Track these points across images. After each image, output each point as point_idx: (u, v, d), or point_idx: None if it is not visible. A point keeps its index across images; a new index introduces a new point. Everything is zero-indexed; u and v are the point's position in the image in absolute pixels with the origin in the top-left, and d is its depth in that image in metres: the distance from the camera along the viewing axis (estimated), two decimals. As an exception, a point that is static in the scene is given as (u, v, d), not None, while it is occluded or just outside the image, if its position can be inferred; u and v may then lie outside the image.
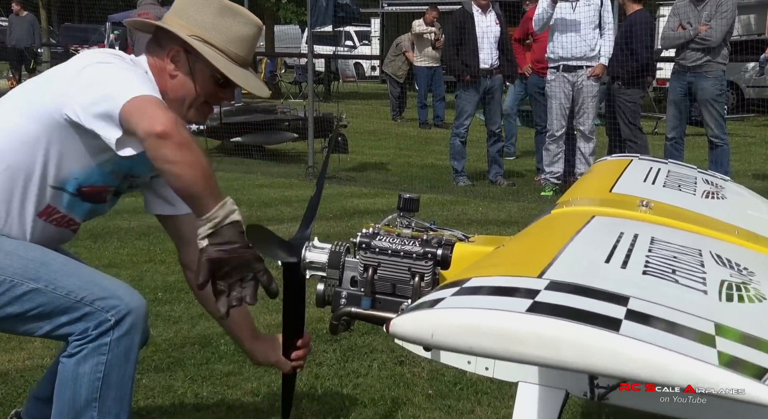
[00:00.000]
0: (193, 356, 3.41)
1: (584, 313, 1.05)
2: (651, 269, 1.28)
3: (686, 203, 1.99)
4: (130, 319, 1.98)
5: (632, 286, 1.18)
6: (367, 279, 1.82)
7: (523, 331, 1.04)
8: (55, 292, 1.97)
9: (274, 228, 6.24)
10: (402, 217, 1.89)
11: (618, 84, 7.30)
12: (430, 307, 1.13)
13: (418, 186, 7.83)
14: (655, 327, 1.04)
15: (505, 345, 1.05)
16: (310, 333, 2.17)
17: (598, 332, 1.01)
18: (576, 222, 1.55)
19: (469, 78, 7.66)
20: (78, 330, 1.97)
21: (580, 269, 1.28)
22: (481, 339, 1.06)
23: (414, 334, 1.11)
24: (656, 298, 1.12)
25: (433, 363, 3.22)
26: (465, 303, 1.13)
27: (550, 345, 1.03)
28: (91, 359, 1.96)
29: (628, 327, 1.02)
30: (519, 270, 1.26)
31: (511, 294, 1.12)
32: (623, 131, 7.39)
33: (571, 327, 1.02)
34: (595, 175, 2.61)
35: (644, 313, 1.07)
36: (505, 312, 1.06)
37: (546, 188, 7.44)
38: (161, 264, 4.81)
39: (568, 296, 1.11)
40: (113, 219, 5.99)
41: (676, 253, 1.41)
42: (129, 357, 2.00)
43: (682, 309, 1.10)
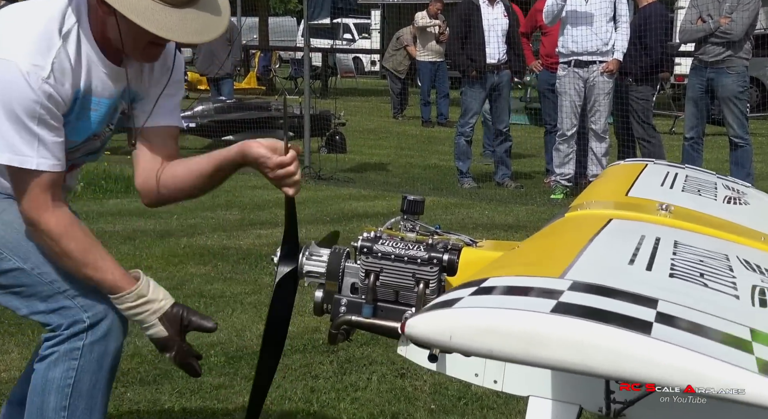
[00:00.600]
0: (181, 368, 3.39)
1: (612, 315, 1.04)
2: (678, 272, 1.27)
3: (707, 208, 1.98)
4: (106, 324, 2.00)
5: (660, 289, 1.17)
6: (368, 286, 1.81)
7: (548, 333, 1.03)
8: (40, 277, 1.99)
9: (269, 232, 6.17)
10: (406, 220, 1.88)
11: (629, 80, 7.29)
12: (448, 307, 1.12)
13: (420, 188, 7.83)
14: (688, 331, 1.03)
15: (529, 348, 1.04)
16: (298, 147, 2.11)
17: (628, 334, 1.00)
18: (593, 224, 1.54)
19: (475, 74, 7.66)
20: (52, 322, 1.99)
21: (603, 270, 1.27)
22: (502, 341, 1.04)
23: (431, 335, 1.10)
24: (686, 301, 1.12)
25: (436, 375, 3.22)
26: (485, 303, 1.12)
27: (577, 349, 1.01)
28: (61, 364, 1.97)
29: (660, 331, 1.01)
30: (539, 270, 1.26)
31: (533, 295, 1.12)
32: (636, 130, 7.39)
33: (599, 329, 1.01)
34: (608, 178, 2.60)
35: (675, 316, 1.06)
36: (529, 313, 1.05)
37: (556, 190, 7.44)
38: (147, 270, 4.74)
39: (593, 297, 1.10)
40: (96, 222, 5.99)
41: (702, 257, 1.40)
42: (102, 364, 2.00)
43: (714, 313, 1.09)
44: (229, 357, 3.50)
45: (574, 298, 1.09)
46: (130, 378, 3.27)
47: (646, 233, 1.50)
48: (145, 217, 6.17)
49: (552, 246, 1.52)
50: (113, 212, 6.40)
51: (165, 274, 4.72)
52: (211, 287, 4.49)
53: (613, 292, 1.11)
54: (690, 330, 1.03)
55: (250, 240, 5.57)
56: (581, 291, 1.12)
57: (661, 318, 1.05)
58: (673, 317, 1.06)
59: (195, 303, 4.16)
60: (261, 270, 4.79)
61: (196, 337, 3.70)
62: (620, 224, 1.63)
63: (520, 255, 1.54)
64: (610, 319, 1.03)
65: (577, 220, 1.75)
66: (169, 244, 5.42)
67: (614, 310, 1.06)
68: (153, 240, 5.51)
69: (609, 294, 1.11)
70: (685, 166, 2.66)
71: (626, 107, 7.41)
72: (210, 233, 5.77)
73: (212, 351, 3.56)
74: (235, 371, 3.39)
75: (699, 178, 2.41)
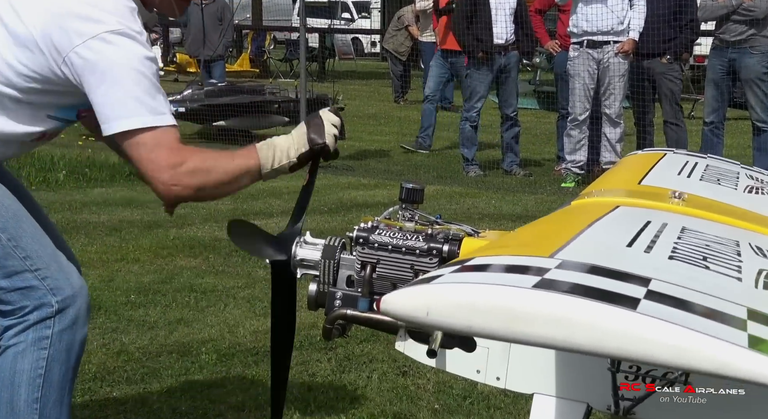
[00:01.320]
0: (171, 366, 3.42)
1: (598, 291, 1.07)
2: (678, 254, 1.29)
3: (726, 197, 2.00)
4: (73, 311, 2.03)
5: (655, 269, 1.20)
6: (364, 278, 1.83)
7: (529, 308, 1.05)
8: (14, 251, 2.00)
9: (262, 223, 6.26)
10: (404, 209, 1.90)
11: (669, 59, 7.25)
12: (426, 283, 1.14)
13: (423, 176, 7.84)
14: (678, 307, 1.05)
15: (509, 324, 1.06)
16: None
17: (612, 309, 1.02)
18: (597, 211, 1.56)
19: (482, 55, 7.66)
20: (12, 303, 2.00)
21: (597, 251, 1.30)
22: (482, 316, 1.07)
23: (407, 312, 1.12)
24: (681, 281, 1.14)
25: (440, 373, 3.24)
26: (465, 279, 1.14)
27: (559, 324, 1.03)
28: (30, 354, 2.00)
29: (647, 306, 1.03)
30: (528, 250, 1.28)
31: (518, 272, 1.14)
32: (666, 113, 7.36)
33: (582, 303, 1.03)
34: (623, 168, 2.62)
35: (666, 294, 1.08)
36: (510, 287, 1.08)
37: (567, 179, 7.44)
38: (134, 263, 4.83)
39: (580, 274, 1.12)
40: (80, 212, 6.02)
41: (709, 242, 1.42)
42: (71, 354, 2.04)
43: (710, 293, 1.11)
44: (221, 355, 3.53)
45: (560, 276, 1.12)
46: (116, 377, 3.30)
47: (652, 219, 1.52)
48: (131, 207, 6.20)
49: (548, 230, 1.55)
50: (98, 202, 6.42)
51: (153, 267, 4.74)
52: (202, 281, 4.51)
53: (603, 271, 1.14)
54: (680, 307, 1.05)
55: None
56: (569, 269, 1.14)
57: (650, 296, 1.07)
58: (663, 294, 1.08)
59: (185, 298, 4.18)
60: (254, 263, 4.81)
61: (185, 334, 3.73)
62: (627, 210, 1.64)
63: (512, 238, 1.56)
64: (595, 295, 1.05)
65: (582, 207, 1.77)
66: (158, 236, 5.44)
67: (601, 287, 1.08)
68: (140, 231, 5.53)
69: (598, 273, 1.13)
70: (707, 156, 2.67)
71: (647, 90, 7.36)
72: (201, 224, 5.79)
73: (203, 348, 3.58)
74: (227, 369, 3.41)
75: (720, 168, 2.42)
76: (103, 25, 1.94)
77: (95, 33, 1.93)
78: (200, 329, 3.81)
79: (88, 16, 1.95)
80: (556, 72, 8.27)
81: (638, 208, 1.71)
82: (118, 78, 1.93)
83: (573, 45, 7.32)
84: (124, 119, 1.93)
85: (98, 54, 1.93)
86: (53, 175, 7.15)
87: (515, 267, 1.17)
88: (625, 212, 1.62)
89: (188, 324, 3.87)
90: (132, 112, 1.93)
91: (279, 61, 18.76)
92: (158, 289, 4.34)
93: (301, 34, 9.18)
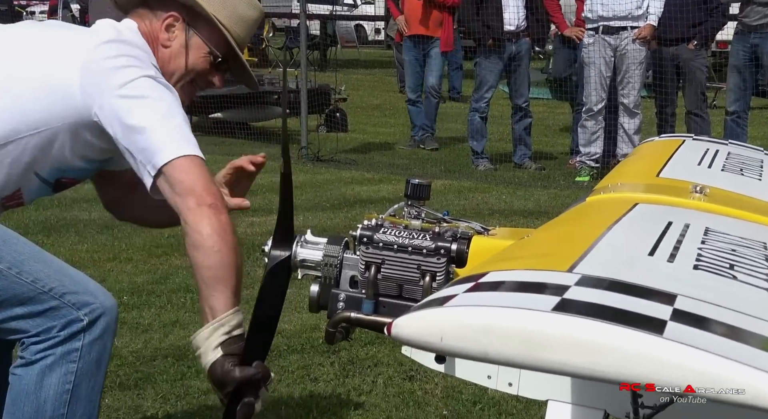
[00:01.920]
0: (166, 371, 3.42)
1: (622, 313, 1.05)
2: (704, 263, 1.28)
3: (750, 189, 1.99)
4: (104, 321, 2.00)
5: (680, 283, 1.18)
6: (368, 279, 1.83)
7: (548, 333, 1.04)
8: (19, 277, 1.96)
9: (262, 220, 6.20)
10: (410, 206, 1.89)
11: (696, 45, 7.21)
12: (439, 305, 1.13)
13: (430, 170, 7.84)
14: (707, 329, 1.03)
15: (528, 351, 1.05)
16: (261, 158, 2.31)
17: (638, 334, 1.01)
18: (615, 210, 1.55)
19: (492, 42, 7.64)
20: (35, 328, 1.97)
21: (618, 262, 1.28)
22: (498, 342, 1.06)
23: (420, 337, 1.11)
24: (709, 297, 1.12)
25: (449, 378, 3.24)
26: (480, 301, 1.13)
27: (581, 351, 1.02)
28: (58, 368, 1.97)
29: (674, 330, 1.02)
30: (545, 263, 1.26)
31: (535, 291, 1.12)
32: (690, 103, 7.33)
33: (605, 328, 1.02)
34: (639, 157, 2.60)
35: (694, 314, 1.07)
36: (528, 311, 1.06)
37: (582, 172, 7.43)
38: (127, 263, 4.83)
39: (602, 293, 1.11)
40: (70, 209, 6.02)
41: (735, 246, 1.40)
42: (101, 365, 2.02)
43: (739, 309, 1.09)
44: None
45: (580, 294, 1.10)
46: (109, 382, 3.29)
47: (674, 219, 1.51)
48: (124, 204, 6.19)
49: (565, 236, 1.53)
50: (88, 198, 6.41)
51: (147, 267, 4.75)
52: (198, 281, 4.51)
53: (625, 287, 1.12)
54: (710, 329, 1.04)
55: (242, 229, 5.59)
56: (589, 286, 1.13)
57: (676, 316, 1.05)
58: (691, 314, 1.06)
59: (180, 299, 4.18)
60: (254, 261, 4.81)
61: (181, 337, 3.73)
62: (646, 209, 1.63)
63: (528, 246, 1.54)
64: (618, 318, 1.04)
65: (599, 205, 1.76)
66: (152, 234, 5.44)
67: (624, 307, 1.06)
68: (133, 229, 5.53)
69: (620, 290, 1.11)
70: (728, 142, 2.66)
71: (670, 78, 7.32)
72: (196, 222, 5.78)
73: (199, 352, 3.58)
74: (224, 374, 3.41)
75: (742, 156, 2.41)
76: (141, 70, 2.02)
77: (135, 76, 2.00)
78: (196, 332, 3.81)
79: (124, 65, 2.02)
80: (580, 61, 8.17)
81: (658, 205, 1.70)
82: (167, 114, 1.98)
83: (588, 31, 7.29)
84: (179, 146, 1.96)
85: (141, 92, 2.00)
86: (42, 170, 7.15)
87: (532, 284, 1.16)
88: (644, 211, 1.61)
89: (184, 326, 3.87)
90: (183, 142, 1.98)
91: (278, 49, 18.74)
92: (152, 290, 4.34)
93: (301, 21, 9.17)
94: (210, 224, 1.91)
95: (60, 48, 2.07)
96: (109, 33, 2.11)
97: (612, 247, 1.35)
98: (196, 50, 2.18)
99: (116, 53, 2.04)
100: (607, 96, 7.33)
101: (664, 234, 1.41)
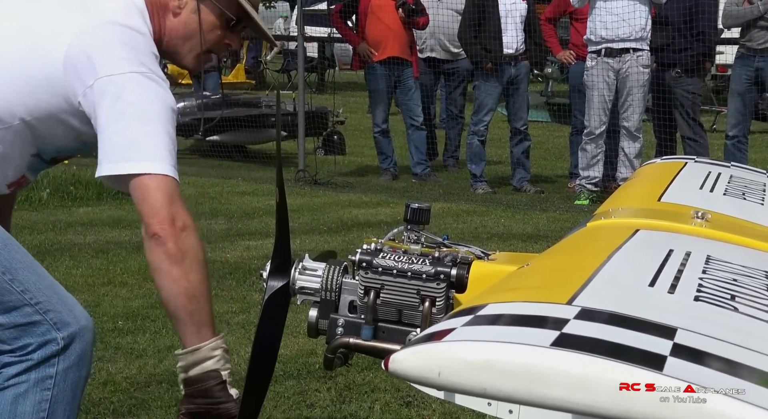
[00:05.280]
0: (160, 397, 3.41)
1: (621, 348, 1.05)
2: (705, 294, 1.28)
3: (752, 215, 1.99)
4: (79, 346, 1.98)
5: (681, 315, 1.18)
6: (368, 305, 1.83)
7: (547, 369, 1.04)
8: (11, 284, 1.94)
9: (258, 244, 6.17)
10: (409, 231, 1.90)
11: (677, 72, 7.25)
12: (437, 340, 1.13)
13: (429, 193, 7.84)
14: (708, 365, 1.03)
15: (526, 387, 1.04)
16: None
17: (637, 371, 1.01)
18: (616, 236, 1.55)
19: (491, 66, 7.68)
20: (11, 341, 1.94)
21: (617, 294, 1.28)
22: (497, 378, 1.06)
23: (418, 373, 1.11)
24: (709, 330, 1.12)
25: (446, 404, 3.22)
26: (478, 336, 1.13)
27: (581, 387, 1.02)
28: (32, 395, 1.94)
29: (674, 366, 1.02)
30: (544, 295, 1.26)
31: (534, 325, 1.12)
32: (682, 129, 7.37)
33: (605, 365, 1.02)
34: (640, 181, 2.61)
35: (694, 348, 1.07)
36: (527, 346, 1.06)
37: (581, 196, 7.44)
38: (122, 287, 4.82)
39: (602, 327, 1.11)
40: (65, 233, 6.01)
41: (736, 275, 1.41)
42: (76, 393, 2.00)
43: (741, 343, 1.10)
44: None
45: (579, 328, 1.10)
46: (102, 409, 3.28)
47: (675, 247, 1.51)
48: (119, 227, 6.19)
49: (564, 265, 1.54)
50: (83, 222, 6.42)
51: (142, 291, 4.73)
52: (194, 306, 4.50)
53: (625, 321, 1.12)
54: (710, 364, 1.04)
55: (238, 253, 5.59)
56: (589, 320, 1.13)
57: (677, 351, 1.05)
58: (692, 349, 1.07)
59: (175, 324, 4.17)
60: (250, 286, 4.80)
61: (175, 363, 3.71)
62: (647, 236, 1.64)
63: (527, 276, 1.55)
64: (617, 353, 1.04)
65: (600, 231, 1.76)
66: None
67: (623, 342, 1.06)
68: (129, 253, 5.53)
69: (620, 323, 1.12)
70: (730, 165, 2.66)
71: (668, 102, 7.37)
72: (192, 245, 5.78)
73: (195, 377, 3.57)
74: (220, 400, 3.39)
75: (745, 179, 2.41)
76: (133, 63, 1.98)
77: (125, 70, 1.97)
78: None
79: (120, 55, 1.98)
80: (571, 84, 8.26)
81: (659, 231, 1.70)
82: (144, 117, 1.95)
83: (590, 54, 7.30)
84: (144, 159, 1.93)
85: (123, 90, 1.96)
86: (36, 193, 7.15)
87: (531, 318, 1.16)
88: (645, 238, 1.61)
89: (179, 351, 3.85)
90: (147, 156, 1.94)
91: (276, 72, 18.81)
92: (147, 315, 4.32)
93: (299, 44, 9.21)
94: (153, 259, 1.96)
95: (50, 28, 2.04)
96: (112, 12, 2.06)
97: (612, 278, 1.35)
98: (209, 13, 2.16)
99: (111, 39, 2.00)
100: (608, 119, 7.35)
101: (665, 263, 1.41)
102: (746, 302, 1.28)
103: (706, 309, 1.23)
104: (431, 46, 8.74)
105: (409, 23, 8.17)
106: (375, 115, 8.48)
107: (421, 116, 8.42)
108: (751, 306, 1.27)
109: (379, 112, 8.42)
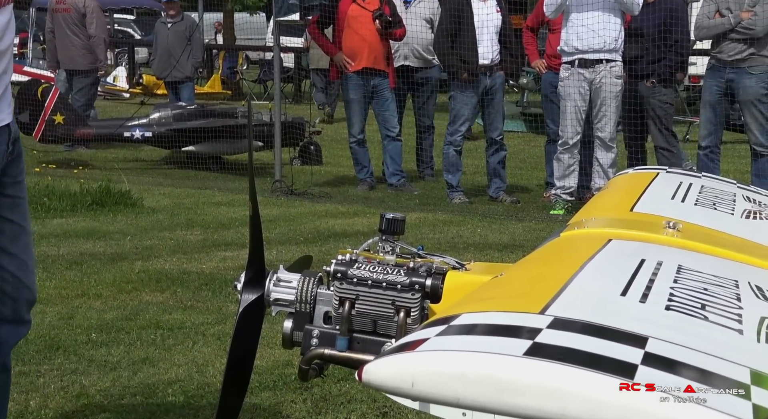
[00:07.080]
0: (134, 410, 3.39)
1: (593, 357, 1.06)
2: (676, 303, 1.29)
3: (722, 225, 2.01)
4: None
5: (652, 324, 1.19)
6: (342, 315, 1.83)
7: (519, 379, 1.04)
8: None
9: (234, 255, 6.15)
10: (384, 241, 1.90)
11: (652, 82, 7.32)
12: (410, 350, 1.13)
13: (405, 203, 7.86)
14: (678, 374, 1.04)
15: (499, 396, 1.05)
16: None
17: (608, 379, 1.01)
18: (589, 246, 1.57)
19: (467, 76, 7.71)
20: None
21: (590, 304, 1.29)
22: (470, 388, 1.06)
23: (391, 383, 1.11)
24: (680, 339, 1.13)
25: (422, 415, 3.22)
26: (451, 345, 1.13)
27: (552, 396, 1.02)
28: None
29: (645, 374, 1.03)
30: (517, 305, 1.27)
31: (507, 334, 1.13)
32: (656, 138, 7.43)
33: (576, 374, 1.03)
34: (613, 191, 2.63)
35: (665, 357, 1.08)
36: (499, 356, 1.07)
37: (556, 206, 7.48)
38: (96, 299, 4.79)
39: (574, 336, 1.11)
40: (38, 244, 5.95)
41: (707, 285, 1.42)
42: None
43: (711, 352, 1.10)
44: (188, 396, 3.50)
45: (551, 338, 1.10)
46: (77, 421, 3.25)
47: (647, 256, 1.52)
48: (93, 239, 6.16)
49: (538, 275, 1.54)
50: (57, 233, 6.37)
51: (116, 303, 4.71)
52: (170, 317, 4.48)
53: (597, 330, 1.13)
54: (680, 373, 1.04)
55: (214, 264, 5.57)
56: (561, 329, 1.14)
57: (648, 360, 1.06)
58: (662, 358, 1.07)
59: (150, 336, 4.15)
60: (226, 297, 4.78)
61: (150, 375, 3.70)
62: (619, 246, 1.65)
63: (501, 286, 1.56)
64: (589, 362, 1.04)
65: (573, 241, 1.77)
66: (122, 269, 5.40)
67: (595, 351, 1.07)
68: (103, 264, 5.50)
69: (592, 333, 1.12)
70: (701, 175, 2.69)
71: (640, 113, 7.44)
72: (168, 256, 5.75)
73: (170, 389, 3.55)
74: (195, 412, 3.38)
75: (716, 189, 2.43)
76: None
77: None
78: (167, 369, 3.78)
79: None
80: (543, 93, 8.34)
81: (631, 241, 1.72)
82: None
83: (564, 64, 7.36)
84: None
85: None
86: (9, 204, 7.09)
87: (504, 328, 1.16)
88: (617, 248, 1.63)
89: (154, 363, 3.83)
90: None
91: (252, 82, 18.80)
92: (122, 327, 4.30)
93: (275, 54, 9.21)
94: None
95: None
96: None
97: (585, 287, 1.36)
98: None
99: None
100: (582, 129, 7.40)
101: (637, 272, 1.42)
102: (716, 311, 1.29)
103: (677, 318, 1.24)
104: (404, 54, 8.77)
105: (386, 35, 8.19)
106: (351, 126, 8.48)
107: (397, 127, 8.42)
108: (722, 315, 1.28)
109: (355, 123, 8.41)
